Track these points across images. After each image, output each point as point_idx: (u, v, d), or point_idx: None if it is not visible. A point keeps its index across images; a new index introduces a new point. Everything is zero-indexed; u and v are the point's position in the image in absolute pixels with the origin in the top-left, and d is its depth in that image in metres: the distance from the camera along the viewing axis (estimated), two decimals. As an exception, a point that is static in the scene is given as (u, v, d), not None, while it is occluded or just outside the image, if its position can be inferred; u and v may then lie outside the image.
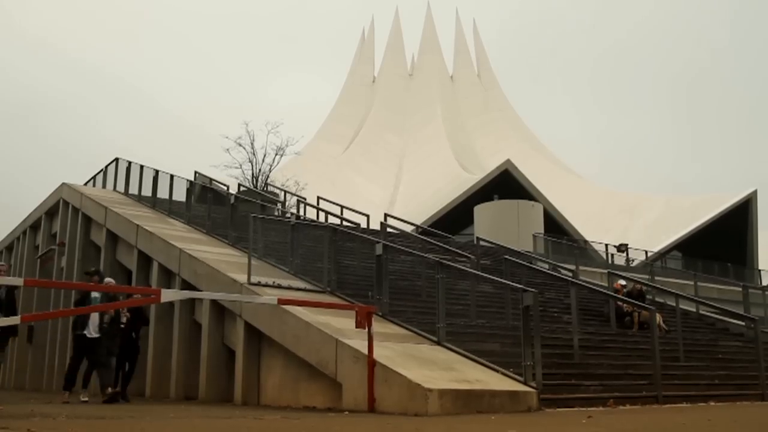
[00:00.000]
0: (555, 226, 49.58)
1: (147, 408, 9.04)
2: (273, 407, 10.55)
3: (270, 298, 8.30)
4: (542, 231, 40.53)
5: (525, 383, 8.83)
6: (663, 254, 52.63)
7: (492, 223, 40.49)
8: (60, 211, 23.53)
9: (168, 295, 8.09)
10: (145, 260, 16.39)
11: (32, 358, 23.70)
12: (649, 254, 45.49)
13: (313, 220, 14.45)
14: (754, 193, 57.13)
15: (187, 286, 13.79)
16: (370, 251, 12.37)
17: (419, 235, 18.01)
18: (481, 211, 43.76)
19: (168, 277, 15.00)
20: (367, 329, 8.62)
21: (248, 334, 11.56)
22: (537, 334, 8.92)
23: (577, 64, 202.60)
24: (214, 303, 12.50)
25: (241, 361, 11.55)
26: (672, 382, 11.54)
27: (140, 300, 9.38)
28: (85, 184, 27.28)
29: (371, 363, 8.48)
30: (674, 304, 15.17)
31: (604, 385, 10.56)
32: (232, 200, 16.36)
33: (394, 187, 73.66)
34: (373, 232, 19.91)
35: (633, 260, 40.75)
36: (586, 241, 44.07)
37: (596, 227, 60.45)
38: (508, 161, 52.42)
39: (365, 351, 8.60)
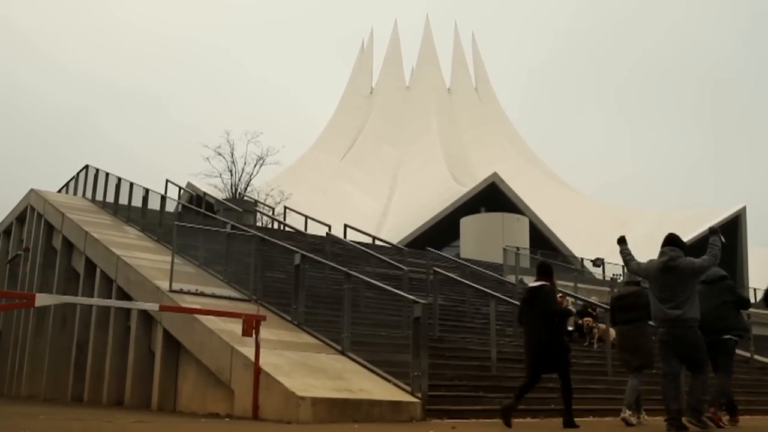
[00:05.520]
0: (542, 240, 49.62)
1: (34, 410, 9.17)
2: (185, 413, 10.71)
3: (151, 305, 8.44)
4: (527, 244, 40.55)
5: (411, 393, 8.93)
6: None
7: (478, 236, 40.55)
8: (27, 217, 23.79)
9: (43, 299, 8.22)
10: (91, 267, 16.57)
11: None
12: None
13: (244, 229, 14.53)
14: (743, 209, 57.06)
15: (121, 293, 13.97)
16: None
17: (359, 246, 18.11)
18: (467, 223, 43.84)
19: (109, 284, 15.16)
20: (255, 337, 8.75)
21: (167, 342, 11.70)
22: (424, 345, 9.01)
23: (601, 79, 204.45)
24: (143, 310, 12.64)
25: (158, 367, 11.70)
26: (591, 396, 11.56)
27: (15, 304, 9.52)
28: (59, 190, 27.59)
29: (257, 370, 8.62)
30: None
31: (511, 397, 10.59)
32: (179, 209, 16.53)
33: (388, 198, 73.83)
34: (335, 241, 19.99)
35: (619, 276, 40.53)
36: (565, 256, 44.03)
37: (587, 241, 60.35)
38: (495, 174, 52.53)
39: (256, 359, 8.72)
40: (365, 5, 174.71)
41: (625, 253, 8.08)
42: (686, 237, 47.76)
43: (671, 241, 7.70)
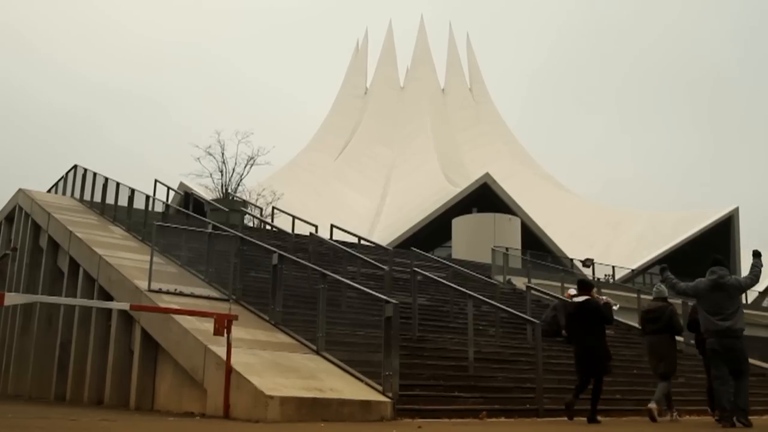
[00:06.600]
0: (535, 240, 49.73)
1: (11, 408, 9.22)
2: (162, 412, 10.75)
3: (122, 305, 8.50)
4: (519, 245, 40.65)
5: (383, 393, 8.99)
6: (644, 270, 52.67)
7: (469, 237, 40.68)
8: (15, 217, 23.80)
9: (12, 298, 8.27)
10: (75, 266, 16.59)
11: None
12: (628, 270, 45.49)
13: (225, 229, 14.55)
14: (736, 210, 57.23)
15: (103, 292, 14.01)
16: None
17: (342, 246, 18.16)
18: (458, 224, 43.97)
19: (92, 284, 15.19)
20: (226, 336, 8.81)
21: (145, 341, 11.73)
22: (396, 344, 9.07)
23: (600, 80, 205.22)
24: (123, 310, 12.69)
25: (136, 366, 11.74)
26: (567, 396, 11.62)
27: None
28: (48, 190, 27.59)
29: (228, 370, 8.68)
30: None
31: (486, 397, 10.66)
32: (162, 208, 16.57)
33: (381, 198, 73.89)
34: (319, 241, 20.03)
35: (608, 276, 40.67)
36: (556, 256, 44.15)
37: (580, 242, 60.56)
38: (487, 175, 52.67)
39: (229, 358, 8.77)
40: (361, 6, 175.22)
41: (670, 279, 9.32)
42: (679, 238, 47.66)
43: (718, 261, 8.80)
